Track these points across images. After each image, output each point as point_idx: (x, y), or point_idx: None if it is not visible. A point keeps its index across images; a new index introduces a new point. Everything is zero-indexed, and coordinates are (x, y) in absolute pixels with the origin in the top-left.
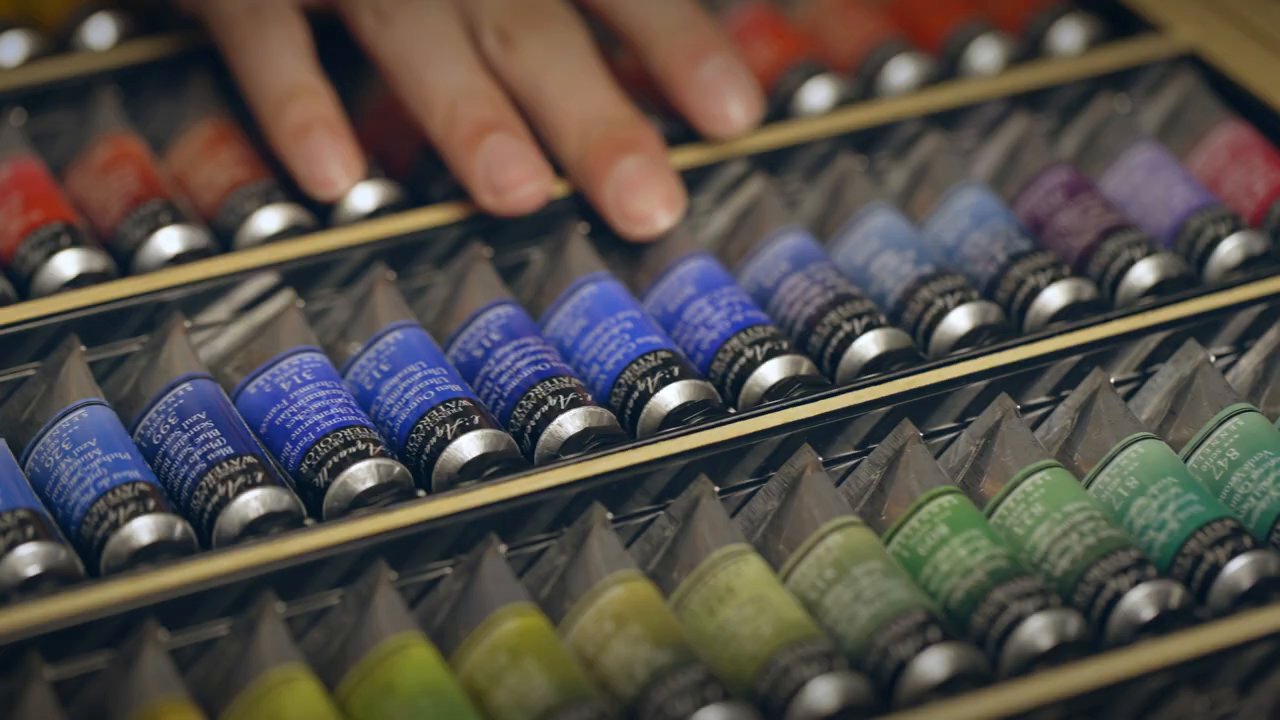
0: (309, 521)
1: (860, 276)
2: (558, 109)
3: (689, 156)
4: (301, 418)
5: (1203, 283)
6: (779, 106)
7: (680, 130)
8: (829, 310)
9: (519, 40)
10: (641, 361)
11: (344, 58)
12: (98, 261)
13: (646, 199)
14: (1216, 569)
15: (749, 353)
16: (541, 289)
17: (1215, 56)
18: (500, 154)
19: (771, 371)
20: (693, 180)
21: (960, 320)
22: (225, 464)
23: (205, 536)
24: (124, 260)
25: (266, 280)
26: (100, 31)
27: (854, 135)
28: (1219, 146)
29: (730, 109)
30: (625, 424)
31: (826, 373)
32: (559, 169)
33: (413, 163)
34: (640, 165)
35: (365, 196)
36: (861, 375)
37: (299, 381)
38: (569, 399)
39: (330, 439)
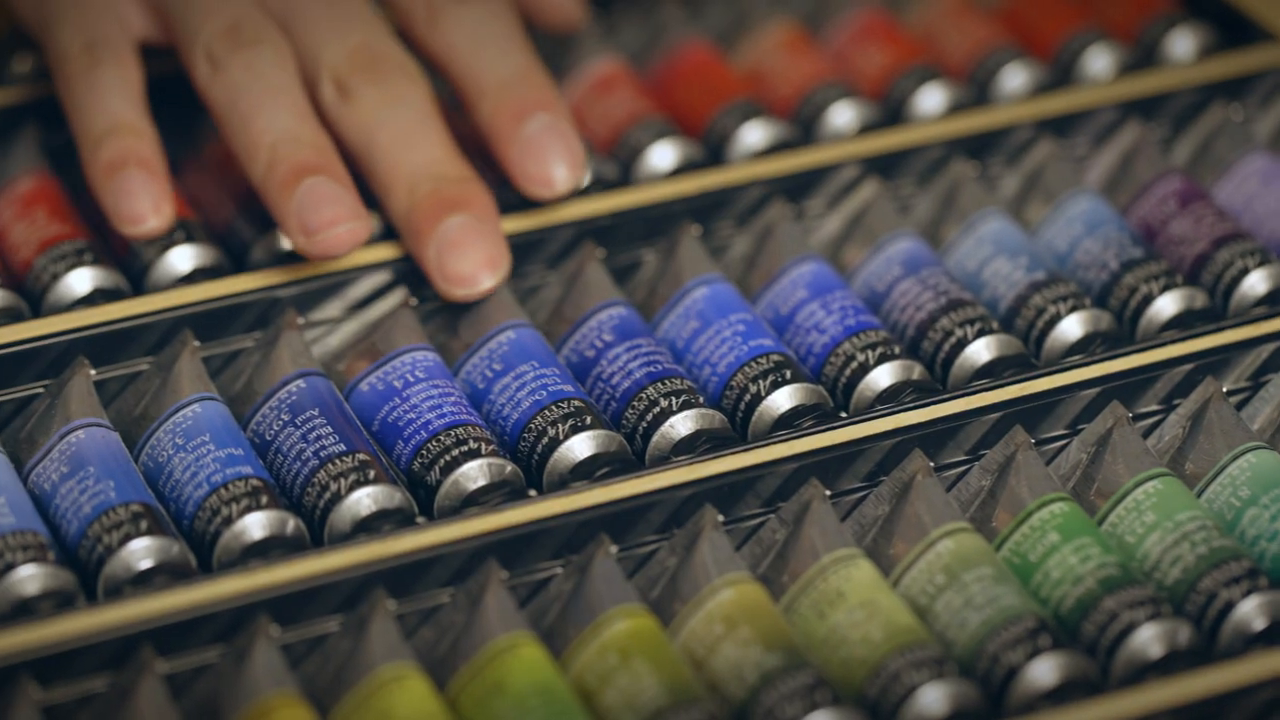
0: (420, 519)
1: (973, 282)
2: (388, 163)
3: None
4: (414, 416)
5: None
6: (892, 111)
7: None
8: (941, 315)
9: (355, 92)
10: (753, 364)
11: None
12: (211, 257)
13: (468, 259)
14: None
15: (861, 357)
16: (654, 290)
17: None
18: (314, 196)
19: (883, 376)
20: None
21: (1072, 327)
22: (338, 461)
23: (317, 533)
24: (238, 256)
25: (380, 278)
26: None
27: (967, 141)
28: None
29: (551, 170)
30: (737, 426)
31: (938, 378)
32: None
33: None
34: (464, 225)
35: None
36: (973, 381)
37: (412, 379)
38: (681, 401)
39: (442, 437)
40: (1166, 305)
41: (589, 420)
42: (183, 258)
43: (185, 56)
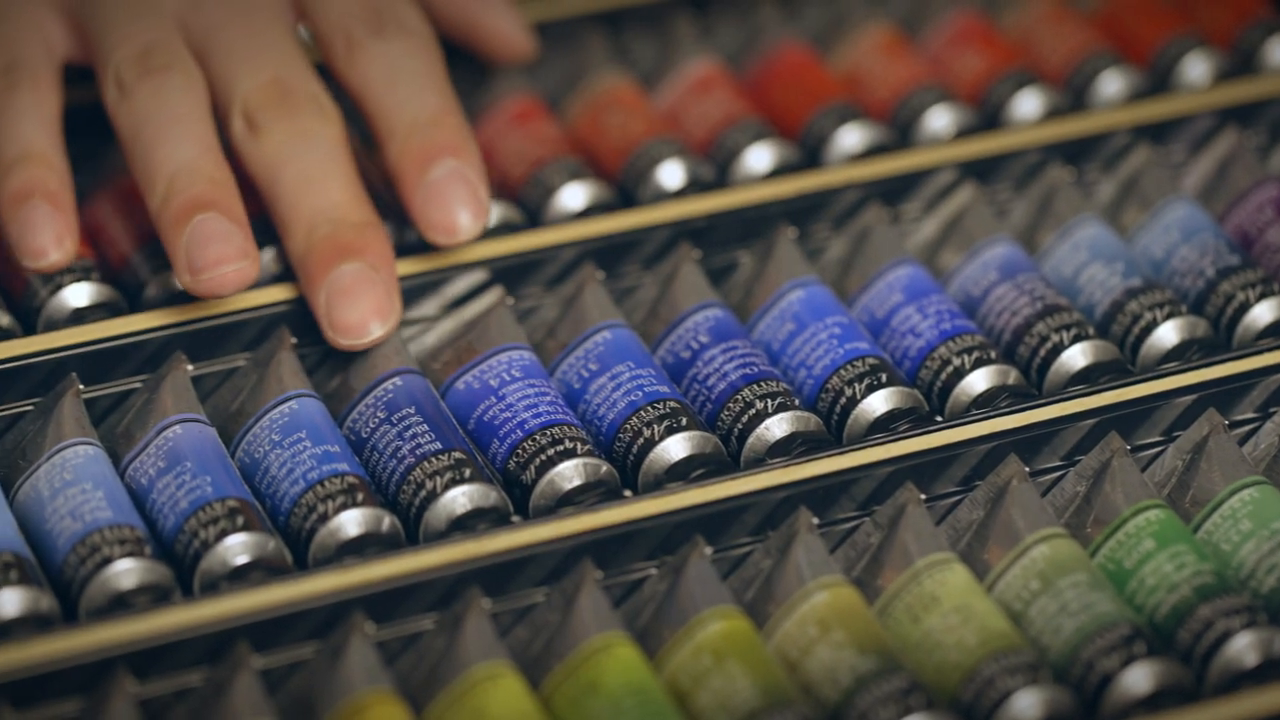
0: (515, 519)
1: (1069, 288)
2: (288, 201)
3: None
4: (510, 415)
5: None
6: (989, 115)
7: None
8: (1037, 321)
9: (264, 127)
10: (849, 367)
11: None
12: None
13: (356, 309)
14: None
15: (956, 361)
16: (750, 292)
17: None
18: (202, 233)
19: (979, 380)
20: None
21: (1168, 334)
22: (433, 459)
23: (412, 531)
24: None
25: (476, 277)
26: None
27: (1064, 146)
28: None
29: (454, 218)
30: (832, 429)
31: (1034, 383)
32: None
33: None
34: (356, 273)
35: (576, 195)
36: (1069, 387)
37: (508, 379)
38: (776, 403)
39: (538, 437)
40: (1263, 313)
41: (685, 421)
42: (270, 256)
43: (99, 80)
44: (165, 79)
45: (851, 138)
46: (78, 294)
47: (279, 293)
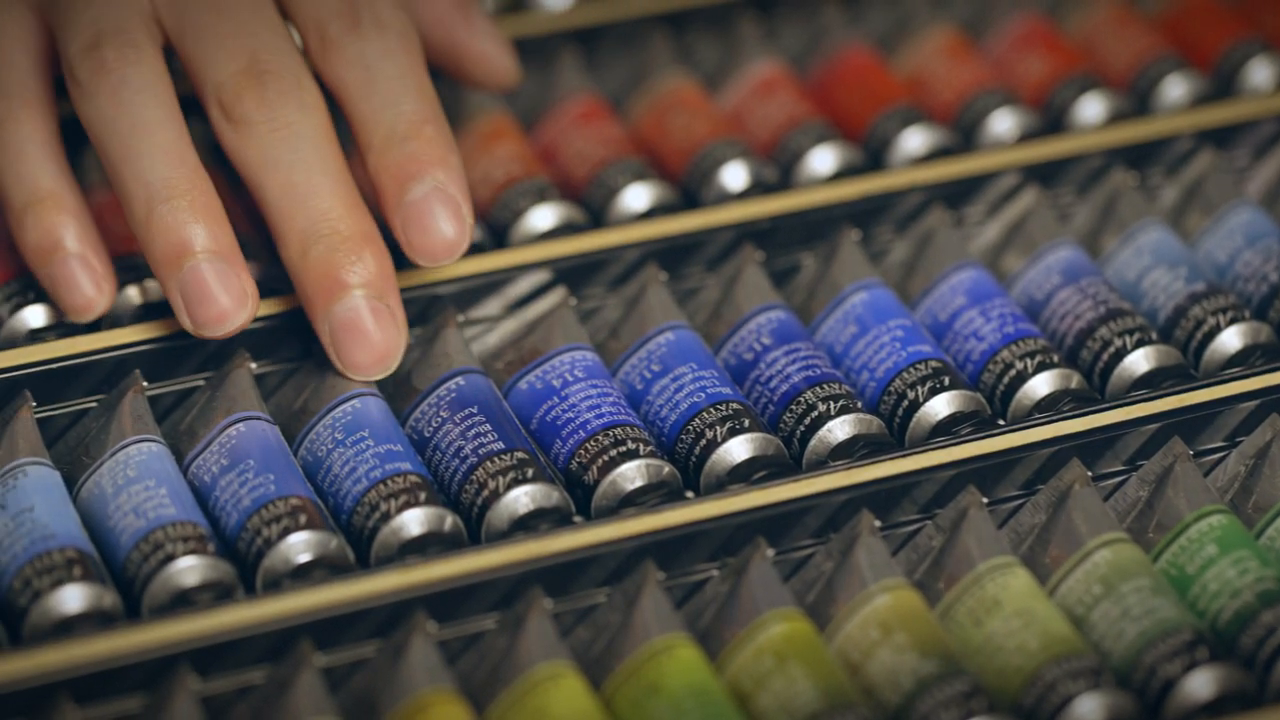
0: (577, 519)
1: (1132, 292)
2: (277, 212)
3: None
4: (572, 415)
5: None
6: (1053, 119)
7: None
8: (1100, 325)
9: (243, 121)
10: (911, 370)
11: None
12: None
13: (364, 349)
14: None
15: (1019, 365)
16: (813, 294)
17: None
18: (197, 286)
19: (1041, 384)
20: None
21: (1232, 339)
22: (496, 459)
23: (475, 530)
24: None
25: (539, 277)
26: None
27: (1127, 150)
28: None
29: (434, 241)
30: (894, 432)
31: (1096, 387)
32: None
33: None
34: (358, 308)
35: (639, 196)
36: (1132, 391)
37: (570, 379)
38: (839, 405)
39: (600, 437)
40: None
41: (747, 423)
42: None
43: (65, 76)
44: (122, 78)
45: (915, 140)
46: (142, 293)
47: None
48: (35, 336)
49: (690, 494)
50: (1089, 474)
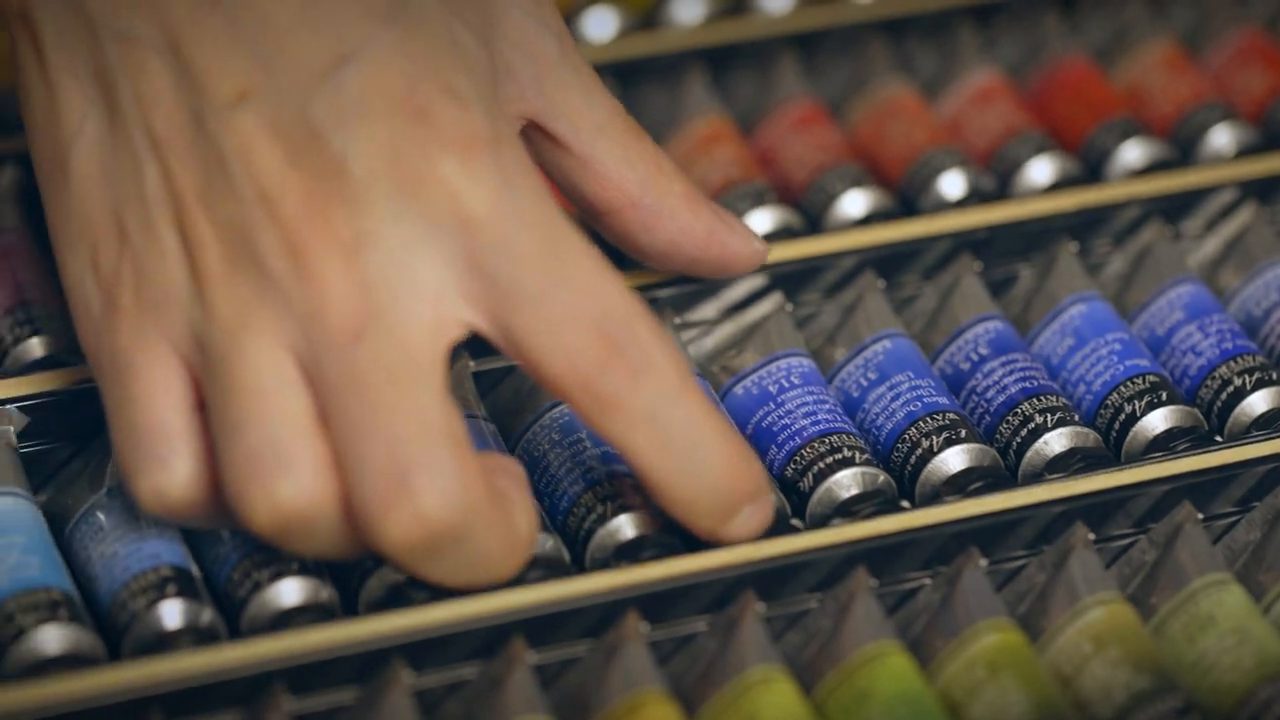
0: (796, 522)
1: None
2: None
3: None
4: (788, 421)
5: None
6: (1272, 135)
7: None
8: None
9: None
10: (1129, 384)
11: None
12: None
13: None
14: None
15: (1237, 381)
16: (1029, 305)
17: None
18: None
19: (1260, 402)
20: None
21: None
22: None
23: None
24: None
25: (756, 281)
26: None
27: None
28: None
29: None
30: (1110, 446)
31: None
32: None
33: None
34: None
35: (856, 202)
36: None
37: (787, 385)
38: (1056, 418)
39: (816, 444)
40: None
41: (964, 433)
42: None
43: None
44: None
45: (1133, 153)
46: None
47: None
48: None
49: (905, 503)
50: None
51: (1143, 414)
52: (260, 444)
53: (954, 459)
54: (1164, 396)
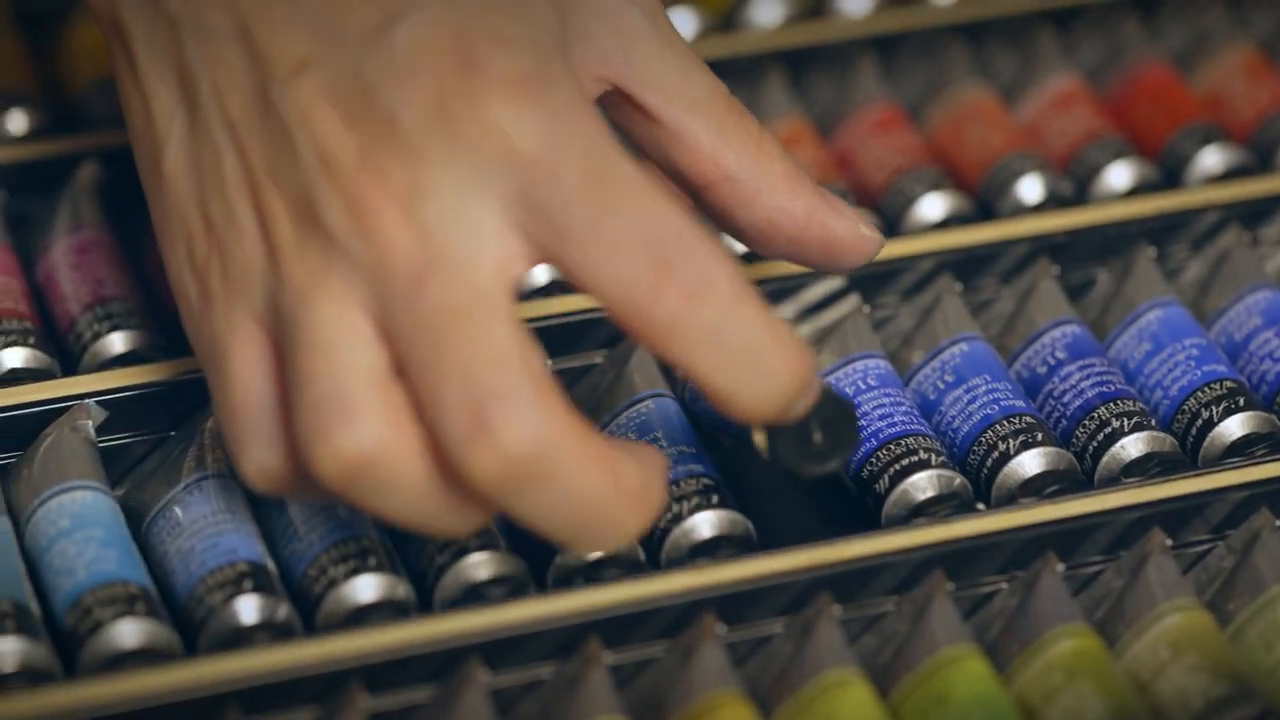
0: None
1: None
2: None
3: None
4: (864, 423)
5: None
6: None
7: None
8: None
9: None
10: (1206, 390)
11: None
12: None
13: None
14: None
15: None
16: (1106, 309)
17: None
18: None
19: None
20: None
21: None
22: None
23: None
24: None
25: (833, 283)
26: None
27: None
28: None
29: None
30: (1187, 451)
31: None
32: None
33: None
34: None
35: (934, 206)
36: None
37: (863, 387)
38: (1132, 422)
39: (892, 446)
40: None
41: (1040, 437)
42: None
43: None
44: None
45: (1212, 159)
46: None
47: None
48: None
49: (981, 506)
50: None
51: (1220, 419)
52: (323, 397)
53: (1030, 462)
54: (1241, 402)
